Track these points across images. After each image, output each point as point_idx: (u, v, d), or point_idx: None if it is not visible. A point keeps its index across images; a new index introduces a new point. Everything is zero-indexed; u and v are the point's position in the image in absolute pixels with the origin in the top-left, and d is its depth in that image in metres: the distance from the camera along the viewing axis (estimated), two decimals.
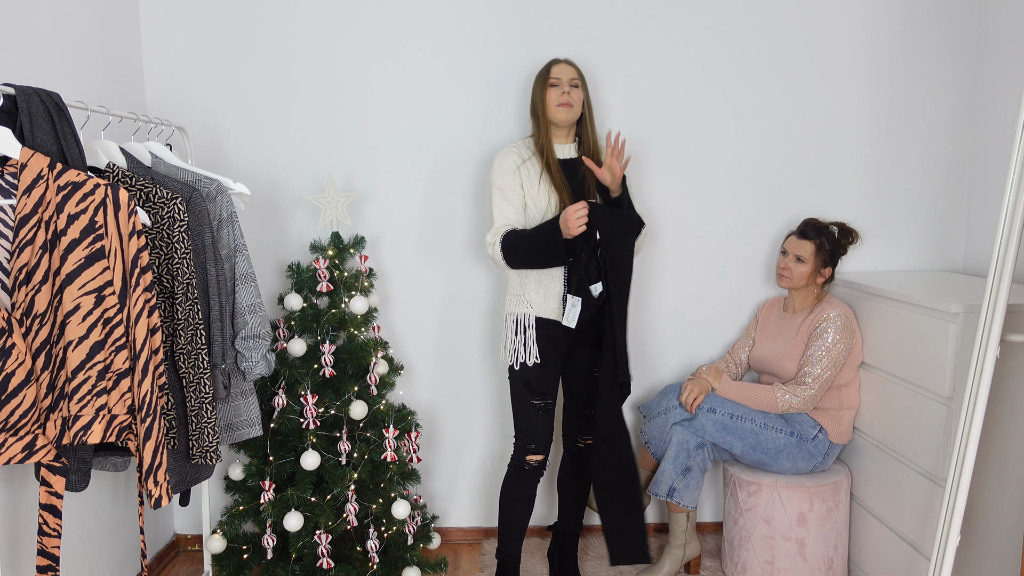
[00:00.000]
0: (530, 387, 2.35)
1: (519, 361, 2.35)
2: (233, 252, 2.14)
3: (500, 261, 2.27)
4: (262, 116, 2.77)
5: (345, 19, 2.74)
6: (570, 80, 2.32)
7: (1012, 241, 1.71)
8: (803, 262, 2.54)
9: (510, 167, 2.32)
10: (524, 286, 2.35)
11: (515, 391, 2.38)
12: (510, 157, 2.34)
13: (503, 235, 2.26)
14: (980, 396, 1.76)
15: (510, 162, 2.33)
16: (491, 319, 2.90)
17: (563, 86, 2.31)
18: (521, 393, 2.37)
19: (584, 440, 2.52)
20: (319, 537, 2.44)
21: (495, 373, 2.93)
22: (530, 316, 2.34)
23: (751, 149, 2.83)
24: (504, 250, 2.25)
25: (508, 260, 2.26)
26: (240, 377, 2.19)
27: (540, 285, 2.34)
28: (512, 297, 2.39)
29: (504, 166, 2.32)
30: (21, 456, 1.58)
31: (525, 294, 2.35)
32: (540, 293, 2.34)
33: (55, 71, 2.17)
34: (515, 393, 2.39)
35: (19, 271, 1.56)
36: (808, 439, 2.49)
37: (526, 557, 2.81)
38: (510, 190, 2.31)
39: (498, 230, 2.28)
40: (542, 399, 2.36)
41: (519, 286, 2.37)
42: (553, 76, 2.32)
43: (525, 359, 2.34)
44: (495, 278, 2.87)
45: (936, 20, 2.76)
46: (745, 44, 2.78)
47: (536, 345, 2.33)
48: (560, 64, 2.35)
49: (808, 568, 2.50)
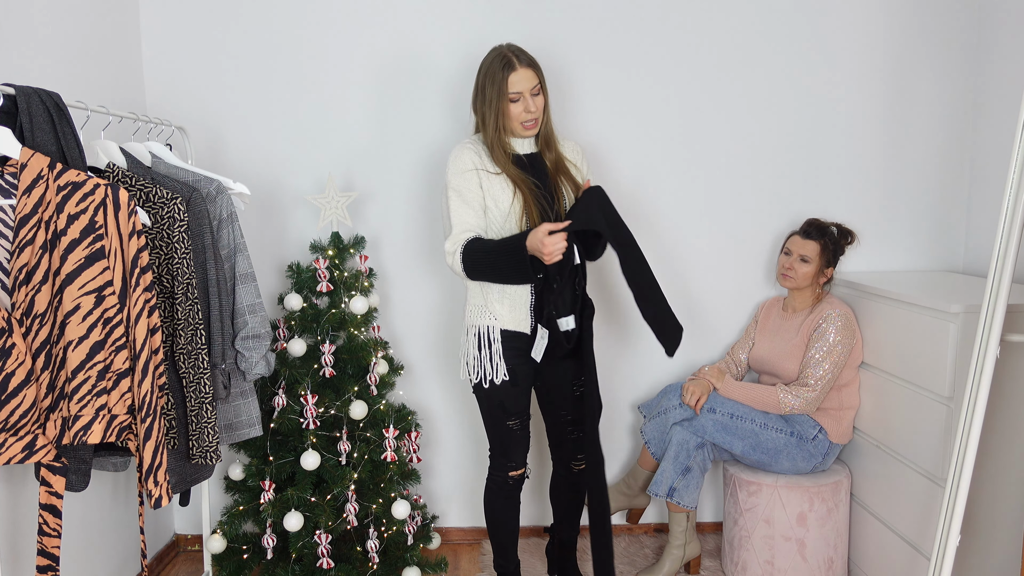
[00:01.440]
0: (504, 408, 2.19)
1: (487, 379, 2.16)
2: (233, 252, 2.14)
3: (460, 273, 2.07)
4: (262, 116, 2.77)
5: (345, 19, 2.74)
6: (532, 90, 2.07)
7: (1012, 241, 1.71)
8: (808, 262, 2.54)
9: (466, 166, 2.11)
10: (487, 296, 2.16)
11: (487, 412, 2.22)
12: (465, 155, 2.12)
13: (464, 245, 2.04)
14: (980, 396, 1.77)
15: (466, 160, 2.11)
16: None
17: (526, 100, 2.06)
18: (495, 415, 2.20)
19: (577, 465, 2.38)
20: (319, 537, 2.44)
21: None
22: (494, 328, 2.15)
23: (751, 149, 2.83)
24: (465, 262, 2.04)
25: (468, 273, 2.05)
26: (240, 377, 2.19)
27: (505, 294, 2.14)
28: (473, 308, 2.19)
29: (460, 166, 2.11)
30: (21, 456, 1.58)
31: (488, 304, 2.16)
32: (505, 303, 2.14)
33: (55, 71, 2.17)
34: (487, 414, 2.22)
35: (19, 271, 1.56)
36: (808, 439, 2.49)
37: (525, 557, 2.81)
38: (468, 191, 2.09)
39: (458, 237, 2.06)
40: (518, 419, 2.21)
41: (480, 296, 2.17)
42: (513, 91, 2.05)
43: (493, 376, 2.15)
44: None
45: (936, 20, 2.76)
46: (744, 43, 2.77)
47: (504, 361, 2.15)
48: (518, 71, 2.05)
49: (808, 568, 2.50)
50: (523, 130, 2.11)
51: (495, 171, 2.12)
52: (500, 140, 2.12)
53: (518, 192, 2.11)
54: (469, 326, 2.21)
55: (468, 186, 2.11)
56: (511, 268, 1.99)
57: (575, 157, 2.29)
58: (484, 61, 2.14)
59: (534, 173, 2.17)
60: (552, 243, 1.90)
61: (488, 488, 2.33)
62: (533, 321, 2.18)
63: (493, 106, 2.09)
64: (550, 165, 2.20)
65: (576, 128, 2.79)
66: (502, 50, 2.10)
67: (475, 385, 2.22)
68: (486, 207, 2.12)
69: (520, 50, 2.11)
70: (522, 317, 2.16)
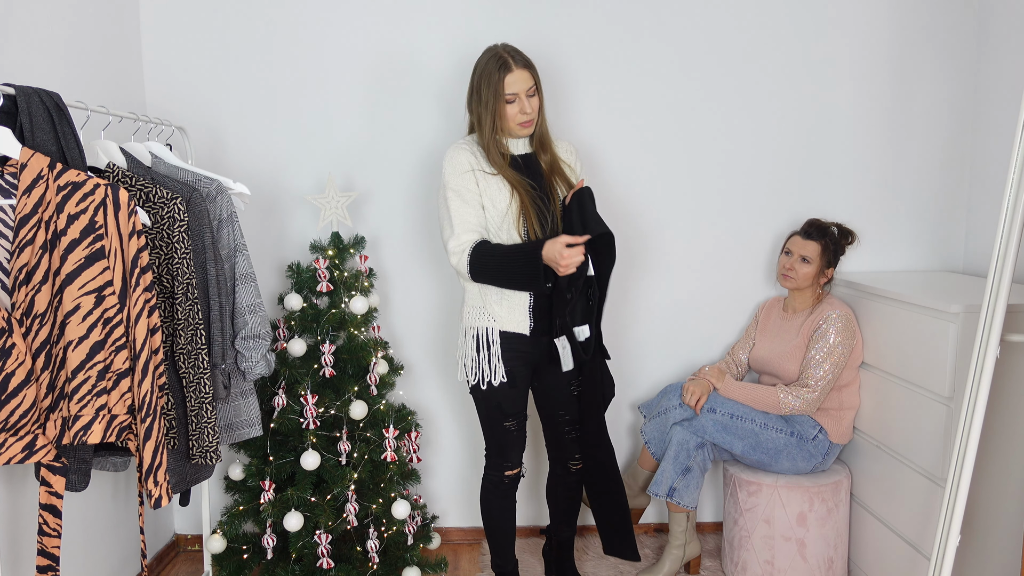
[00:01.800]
0: (502, 410, 2.21)
1: (485, 381, 2.18)
2: (233, 252, 2.14)
3: (464, 274, 2.09)
4: (262, 116, 2.77)
5: (345, 19, 2.74)
6: (527, 91, 2.08)
7: (1012, 241, 1.71)
8: (809, 262, 2.54)
9: (463, 166, 2.12)
10: (485, 297, 2.18)
11: (484, 413, 2.25)
12: (461, 156, 2.13)
13: (472, 248, 2.07)
14: (980, 396, 1.77)
15: (463, 161, 2.13)
16: None
17: (522, 101, 2.08)
18: (492, 416, 2.23)
19: (575, 464, 2.38)
20: (319, 537, 2.44)
21: None
22: (493, 330, 2.16)
23: (750, 149, 2.83)
24: (472, 264, 2.06)
25: (473, 275, 2.08)
26: (240, 377, 2.19)
27: (503, 296, 2.16)
28: (470, 309, 2.21)
29: (457, 166, 2.12)
30: (21, 456, 1.58)
31: (486, 306, 2.17)
32: (504, 305, 2.16)
33: (55, 71, 2.17)
34: (484, 414, 2.25)
35: (19, 271, 1.56)
36: (808, 439, 2.49)
37: (524, 558, 2.81)
38: (466, 190, 2.11)
39: (462, 236, 2.08)
40: (515, 419, 2.23)
41: (479, 297, 2.19)
42: (509, 92, 2.07)
43: (491, 378, 2.17)
44: None
45: (936, 20, 2.76)
46: (743, 41, 2.77)
47: (502, 363, 2.17)
48: (514, 72, 2.06)
49: (808, 568, 2.50)
50: (519, 130, 2.12)
51: (491, 172, 2.13)
52: (496, 141, 2.13)
53: (515, 193, 2.12)
54: (467, 328, 2.22)
55: (467, 186, 2.12)
56: (523, 275, 2.01)
57: (569, 157, 2.30)
58: (479, 61, 2.15)
59: (529, 174, 2.18)
60: (571, 255, 1.92)
61: (484, 488, 2.35)
62: (532, 322, 2.18)
63: (489, 107, 2.10)
64: (545, 166, 2.22)
65: (570, 127, 2.79)
66: (497, 50, 2.11)
67: (472, 386, 2.23)
68: (483, 206, 2.13)
69: (516, 51, 2.11)
70: (520, 318, 2.17)
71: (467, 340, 2.22)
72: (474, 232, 2.10)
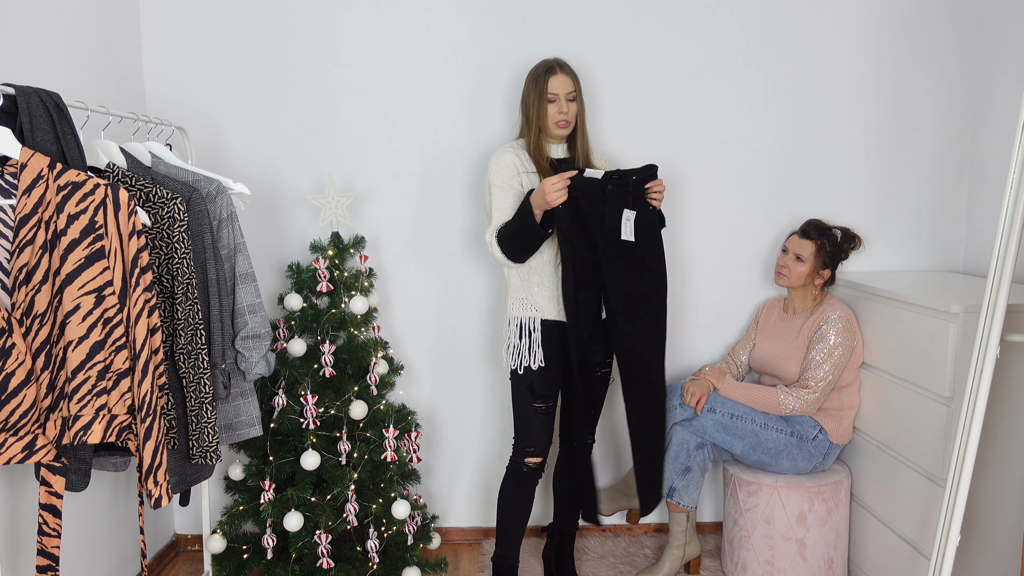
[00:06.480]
0: (533, 390, 2.34)
1: (523, 365, 2.34)
2: (233, 252, 2.14)
3: (500, 257, 2.27)
4: (263, 116, 2.77)
5: (345, 19, 2.74)
6: (567, 95, 2.29)
7: (1012, 241, 1.71)
8: (802, 261, 2.54)
9: (509, 167, 2.31)
10: (528, 289, 2.34)
11: (517, 393, 2.37)
12: (507, 157, 2.33)
13: (497, 230, 2.27)
14: (980, 396, 1.77)
15: (508, 162, 2.32)
16: (491, 319, 2.90)
17: (561, 103, 2.29)
18: (523, 396, 2.35)
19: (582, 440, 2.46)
20: (319, 537, 2.44)
21: (495, 373, 2.93)
22: (535, 319, 2.33)
23: (750, 150, 2.83)
24: (500, 244, 2.25)
25: (505, 252, 2.25)
26: (240, 377, 2.19)
27: (544, 287, 2.33)
28: (514, 300, 2.37)
29: (503, 165, 2.32)
30: (21, 456, 1.58)
31: (529, 297, 2.34)
32: (544, 295, 2.33)
33: (55, 71, 2.17)
34: (517, 395, 2.37)
35: (19, 271, 1.56)
36: (808, 439, 2.49)
37: (524, 558, 2.81)
38: (510, 188, 2.30)
39: (495, 227, 2.28)
40: (544, 402, 2.35)
41: (522, 289, 2.35)
42: (551, 92, 2.28)
43: (530, 363, 2.33)
44: (495, 278, 2.87)
45: (936, 20, 2.76)
46: (744, 44, 2.77)
47: (541, 348, 2.33)
48: (557, 76, 2.29)
49: (808, 568, 2.50)
50: (556, 129, 2.31)
51: (533, 171, 2.33)
52: (538, 143, 2.34)
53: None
54: (511, 318, 2.38)
55: (511, 183, 2.30)
56: (524, 227, 2.19)
57: (603, 165, 2.47)
58: (532, 68, 2.36)
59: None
60: (552, 185, 2.10)
61: (506, 475, 2.44)
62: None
63: (534, 105, 2.32)
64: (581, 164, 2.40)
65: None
66: (548, 60, 2.35)
67: (512, 371, 2.37)
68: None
69: (564, 62, 2.34)
70: (560, 307, 2.33)
71: (511, 328, 2.37)
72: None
